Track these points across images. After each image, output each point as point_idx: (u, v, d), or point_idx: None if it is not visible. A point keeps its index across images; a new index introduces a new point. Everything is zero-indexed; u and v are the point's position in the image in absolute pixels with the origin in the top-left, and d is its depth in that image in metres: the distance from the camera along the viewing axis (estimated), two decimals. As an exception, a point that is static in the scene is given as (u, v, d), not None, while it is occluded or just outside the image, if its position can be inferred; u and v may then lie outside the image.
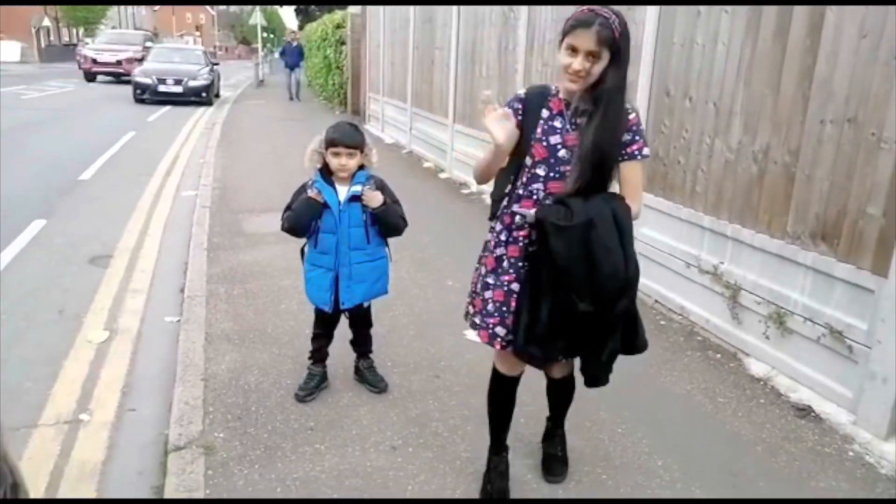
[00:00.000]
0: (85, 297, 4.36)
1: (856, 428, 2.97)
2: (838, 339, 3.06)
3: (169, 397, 3.12)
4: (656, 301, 4.32)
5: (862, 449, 2.88)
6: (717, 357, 3.69)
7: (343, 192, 2.84)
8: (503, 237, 2.27)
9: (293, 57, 19.65)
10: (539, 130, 2.17)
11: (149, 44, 24.24)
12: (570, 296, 2.06)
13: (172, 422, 2.88)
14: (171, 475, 2.53)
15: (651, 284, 4.31)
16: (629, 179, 2.16)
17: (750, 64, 3.53)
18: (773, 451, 2.86)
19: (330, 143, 2.79)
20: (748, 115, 3.56)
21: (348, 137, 2.79)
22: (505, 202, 2.29)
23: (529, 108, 2.20)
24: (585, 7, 2.00)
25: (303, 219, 2.85)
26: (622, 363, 2.29)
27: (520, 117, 2.20)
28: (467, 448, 2.77)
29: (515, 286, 2.24)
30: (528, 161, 2.20)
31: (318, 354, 3.15)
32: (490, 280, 2.30)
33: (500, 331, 2.27)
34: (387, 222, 2.91)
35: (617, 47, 1.99)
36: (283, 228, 2.93)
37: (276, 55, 29.69)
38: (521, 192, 2.23)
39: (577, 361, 2.38)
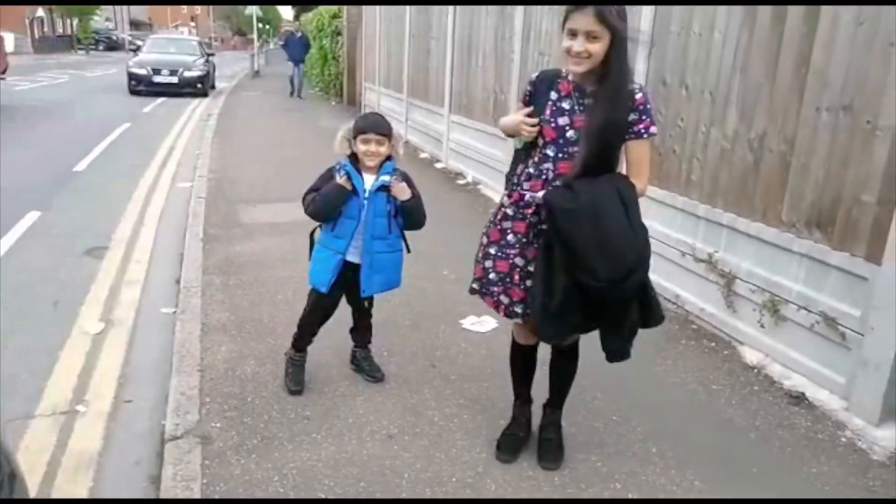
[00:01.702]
0: (81, 289, 4.36)
1: (848, 414, 2.99)
2: (832, 326, 3.07)
3: (165, 388, 3.12)
4: (652, 290, 4.33)
5: (854, 435, 2.90)
6: (711, 345, 3.71)
7: (369, 181, 2.84)
8: (510, 212, 2.37)
9: (297, 49, 17.71)
10: (548, 112, 2.25)
11: None
12: (585, 274, 2.13)
13: (169, 412, 2.89)
14: (167, 465, 2.53)
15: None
16: (635, 157, 2.23)
17: (746, 52, 3.53)
18: (766, 438, 2.88)
19: (360, 130, 2.80)
20: (744, 103, 3.56)
21: (379, 125, 2.82)
22: (516, 179, 2.38)
23: (538, 91, 2.31)
24: None
25: (331, 204, 2.83)
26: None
27: (528, 99, 2.32)
28: (463, 436, 2.78)
29: (520, 261, 2.35)
30: (540, 142, 2.28)
31: (306, 342, 3.13)
32: (492, 251, 2.41)
33: (504, 299, 2.41)
34: (413, 216, 2.93)
35: (615, 26, 2.05)
36: (307, 212, 2.90)
37: (275, 46, 28.85)
38: (531, 171, 2.31)
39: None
